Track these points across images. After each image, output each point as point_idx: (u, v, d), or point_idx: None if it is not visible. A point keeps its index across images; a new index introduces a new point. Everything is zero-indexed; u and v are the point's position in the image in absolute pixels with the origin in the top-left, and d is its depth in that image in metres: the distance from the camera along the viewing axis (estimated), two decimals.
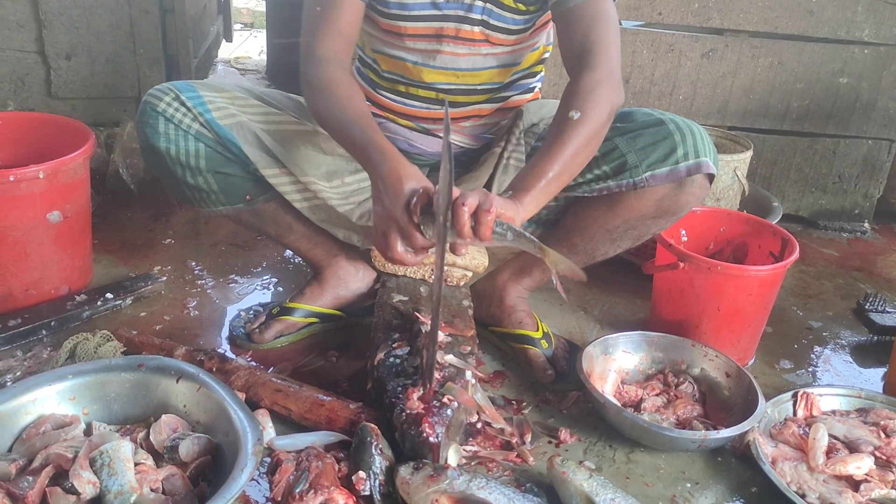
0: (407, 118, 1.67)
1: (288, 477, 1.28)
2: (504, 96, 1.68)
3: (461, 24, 1.52)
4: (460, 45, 1.55)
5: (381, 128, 1.66)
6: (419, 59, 1.58)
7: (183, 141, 1.54)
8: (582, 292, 2.15)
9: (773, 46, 2.61)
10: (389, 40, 1.57)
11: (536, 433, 1.52)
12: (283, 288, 2.06)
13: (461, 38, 1.54)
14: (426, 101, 1.64)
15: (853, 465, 1.42)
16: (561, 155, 1.32)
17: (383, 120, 1.68)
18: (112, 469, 1.17)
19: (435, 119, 1.66)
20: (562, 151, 1.32)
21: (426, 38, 1.55)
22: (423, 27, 1.53)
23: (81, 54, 2.46)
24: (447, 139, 1.15)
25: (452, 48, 1.55)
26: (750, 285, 1.75)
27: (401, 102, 1.65)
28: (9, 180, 1.66)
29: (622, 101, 1.42)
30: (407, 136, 1.69)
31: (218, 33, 3.93)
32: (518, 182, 1.32)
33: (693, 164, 1.47)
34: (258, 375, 1.52)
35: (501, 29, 1.53)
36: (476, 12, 1.51)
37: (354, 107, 1.40)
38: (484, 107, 1.67)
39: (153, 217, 2.38)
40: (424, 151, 1.71)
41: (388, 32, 1.56)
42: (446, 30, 1.53)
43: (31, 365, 1.60)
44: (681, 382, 1.65)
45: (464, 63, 1.58)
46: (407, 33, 1.54)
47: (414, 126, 1.68)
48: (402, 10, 1.51)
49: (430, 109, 1.65)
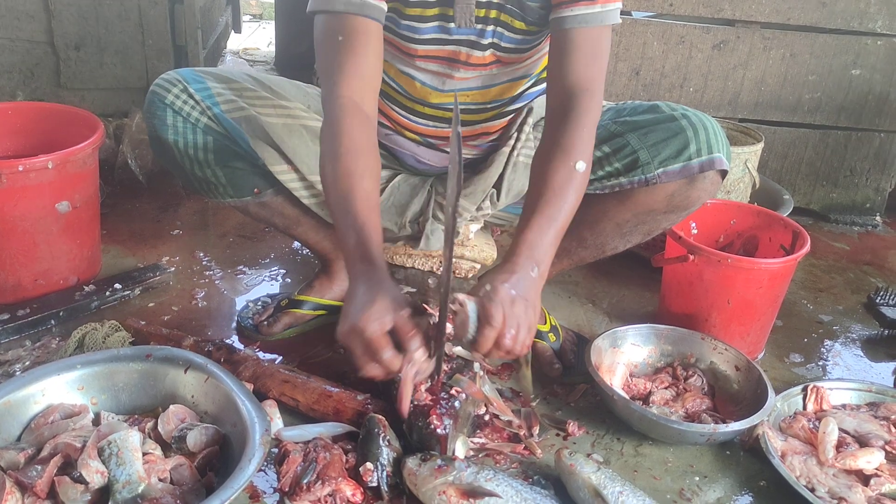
0: (414, 133, 1.65)
1: (296, 468, 1.28)
2: (513, 109, 1.65)
3: (472, 49, 1.48)
4: (471, 70, 1.52)
5: (388, 140, 1.64)
6: (428, 81, 1.54)
7: (191, 134, 1.53)
8: (591, 285, 2.14)
9: (784, 38, 2.58)
10: (401, 57, 1.53)
11: (544, 425, 1.52)
12: (291, 279, 2.06)
13: (472, 63, 1.50)
14: (434, 120, 1.61)
15: (863, 459, 1.41)
16: (566, 206, 1.31)
17: (391, 132, 1.66)
18: (120, 459, 1.18)
19: (442, 137, 1.63)
20: (567, 202, 1.31)
21: (437, 61, 1.51)
22: (434, 50, 1.49)
23: (90, 45, 2.47)
24: (456, 129, 1.14)
25: (464, 73, 1.52)
26: (760, 278, 1.74)
27: (408, 119, 1.62)
28: (18, 170, 1.66)
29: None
30: (414, 150, 1.67)
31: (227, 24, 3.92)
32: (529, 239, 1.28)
33: (706, 161, 1.45)
34: (266, 366, 1.52)
35: (512, 50, 1.50)
36: (487, 37, 1.47)
37: (360, 192, 1.29)
38: (493, 124, 1.64)
39: (161, 208, 2.38)
40: (431, 167, 1.69)
41: (400, 50, 1.52)
42: (458, 55, 1.49)
43: (40, 355, 1.61)
44: (690, 376, 1.64)
45: (473, 83, 1.55)
46: (418, 55, 1.50)
47: (421, 141, 1.66)
48: (412, 32, 1.47)
49: (437, 128, 1.62)
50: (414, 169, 1.71)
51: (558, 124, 1.37)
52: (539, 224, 1.29)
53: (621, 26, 2.53)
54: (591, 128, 1.37)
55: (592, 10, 1.37)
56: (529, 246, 1.27)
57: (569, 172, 1.32)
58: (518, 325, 1.19)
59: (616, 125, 1.53)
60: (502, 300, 1.18)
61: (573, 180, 1.32)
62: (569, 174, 1.32)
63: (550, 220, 1.29)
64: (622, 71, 2.62)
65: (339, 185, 1.30)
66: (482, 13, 1.44)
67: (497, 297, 1.18)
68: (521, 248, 1.27)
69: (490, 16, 1.44)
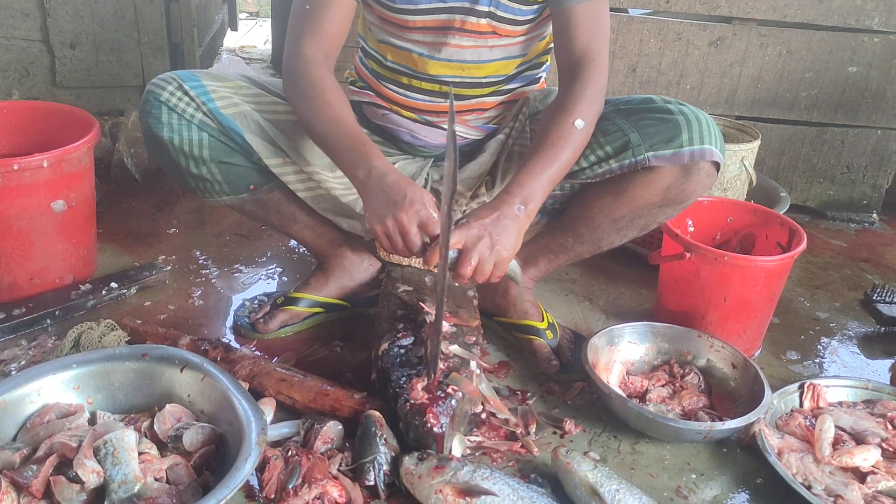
0: (411, 110, 1.65)
1: (278, 473, 1.27)
2: (509, 89, 1.66)
3: (467, 15, 1.50)
4: (466, 38, 1.53)
5: (384, 119, 1.67)
6: (424, 51, 1.56)
7: (186, 130, 1.53)
8: (588, 282, 2.14)
9: (781, 35, 2.58)
10: (395, 32, 1.56)
11: (541, 424, 1.52)
12: (288, 278, 2.06)
13: (467, 30, 1.52)
14: (430, 94, 1.62)
15: (860, 456, 1.41)
16: (562, 156, 1.41)
17: (387, 111, 1.67)
18: (116, 458, 1.17)
19: (438, 112, 1.64)
20: (563, 153, 1.41)
21: (433, 31, 1.53)
22: (430, 20, 1.51)
23: (86, 43, 2.46)
24: (452, 128, 1.14)
25: (458, 40, 1.53)
26: (757, 276, 1.74)
27: (404, 95, 1.64)
28: (13, 169, 1.65)
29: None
30: (410, 128, 1.68)
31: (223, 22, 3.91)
32: (522, 180, 1.38)
33: (697, 150, 1.46)
34: (262, 365, 1.52)
35: (509, 20, 1.51)
36: (483, 4, 1.48)
37: (345, 120, 1.43)
38: (488, 100, 1.65)
39: (158, 206, 2.38)
40: (428, 143, 1.70)
41: (394, 25, 1.54)
42: (452, 22, 1.51)
43: (36, 354, 1.61)
44: (686, 373, 1.64)
45: (469, 55, 1.56)
46: (414, 26, 1.53)
47: (417, 118, 1.66)
48: (409, 4, 1.49)
49: (433, 102, 1.63)
50: (410, 147, 1.71)
51: (564, 91, 1.48)
52: (533, 168, 1.38)
53: (618, 23, 2.53)
54: (594, 91, 1.46)
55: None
56: (520, 185, 1.37)
57: (567, 128, 1.41)
58: (480, 257, 1.29)
59: (609, 113, 1.55)
60: (468, 233, 1.29)
61: (571, 134, 1.41)
62: (567, 129, 1.41)
63: (545, 167, 1.38)
64: (619, 68, 2.61)
65: (323, 117, 1.42)
66: None
67: (463, 229, 1.30)
68: (511, 187, 1.37)
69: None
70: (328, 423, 1.37)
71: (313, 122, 1.44)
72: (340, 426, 1.38)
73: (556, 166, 1.40)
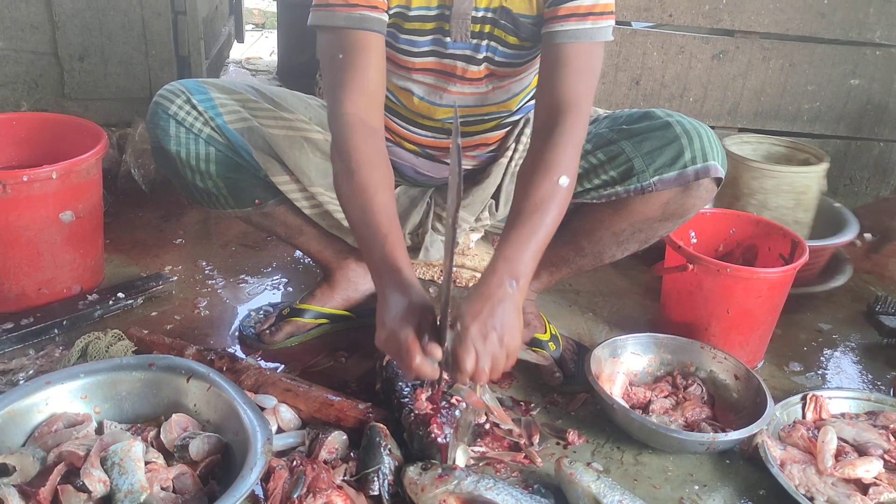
0: (414, 144, 1.65)
1: (283, 483, 1.27)
2: (511, 121, 1.66)
3: (468, 63, 1.49)
4: (467, 85, 1.53)
5: (388, 152, 1.62)
6: (425, 95, 1.55)
7: (193, 144, 1.54)
8: (591, 294, 2.15)
9: (784, 48, 2.60)
10: (397, 71, 1.54)
11: (544, 434, 1.53)
12: (293, 288, 2.07)
13: (467, 78, 1.51)
14: (433, 131, 1.62)
15: (862, 468, 1.41)
16: (548, 219, 1.30)
17: (390, 144, 1.65)
18: (123, 468, 1.18)
19: (441, 148, 1.64)
20: (548, 215, 1.30)
21: (434, 74, 1.52)
22: (431, 62, 1.50)
23: (94, 55, 2.48)
24: (456, 141, 1.15)
25: (459, 88, 1.53)
26: (759, 288, 1.74)
27: (408, 130, 1.63)
28: (22, 180, 1.67)
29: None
30: (413, 162, 1.68)
31: (230, 34, 3.94)
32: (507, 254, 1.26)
33: (701, 168, 1.46)
34: (268, 375, 1.53)
35: (505, 64, 1.51)
36: (482, 51, 1.48)
37: (378, 205, 1.29)
38: (491, 135, 1.65)
39: (164, 217, 2.39)
40: (431, 178, 1.70)
41: (397, 64, 1.52)
42: (454, 69, 1.50)
43: (44, 363, 1.62)
44: (689, 384, 1.65)
45: (472, 101, 1.56)
46: (415, 67, 1.51)
47: (420, 152, 1.66)
48: (410, 45, 1.48)
49: (437, 139, 1.63)
50: (413, 180, 1.72)
51: (544, 139, 1.36)
52: (518, 238, 1.27)
53: (621, 36, 2.55)
54: (575, 144, 1.36)
55: (583, 25, 1.37)
56: (507, 260, 1.25)
57: (551, 187, 1.30)
58: (493, 358, 1.17)
59: (611, 133, 1.54)
60: (473, 339, 1.16)
61: (555, 195, 1.30)
62: (551, 189, 1.30)
63: (530, 234, 1.27)
64: (622, 80, 2.63)
65: (356, 201, 1.30)
66: (477, 28, 1.45)
67: (467, 337, 1.16)
68: (497, 264, 1.25)
69: (484, 31, 1.46)
70: (333, 433, 1.38)
71: (345, 205, 1.35)
72: (345, 436, 1.39)
73: (542, 231, 1.28)
